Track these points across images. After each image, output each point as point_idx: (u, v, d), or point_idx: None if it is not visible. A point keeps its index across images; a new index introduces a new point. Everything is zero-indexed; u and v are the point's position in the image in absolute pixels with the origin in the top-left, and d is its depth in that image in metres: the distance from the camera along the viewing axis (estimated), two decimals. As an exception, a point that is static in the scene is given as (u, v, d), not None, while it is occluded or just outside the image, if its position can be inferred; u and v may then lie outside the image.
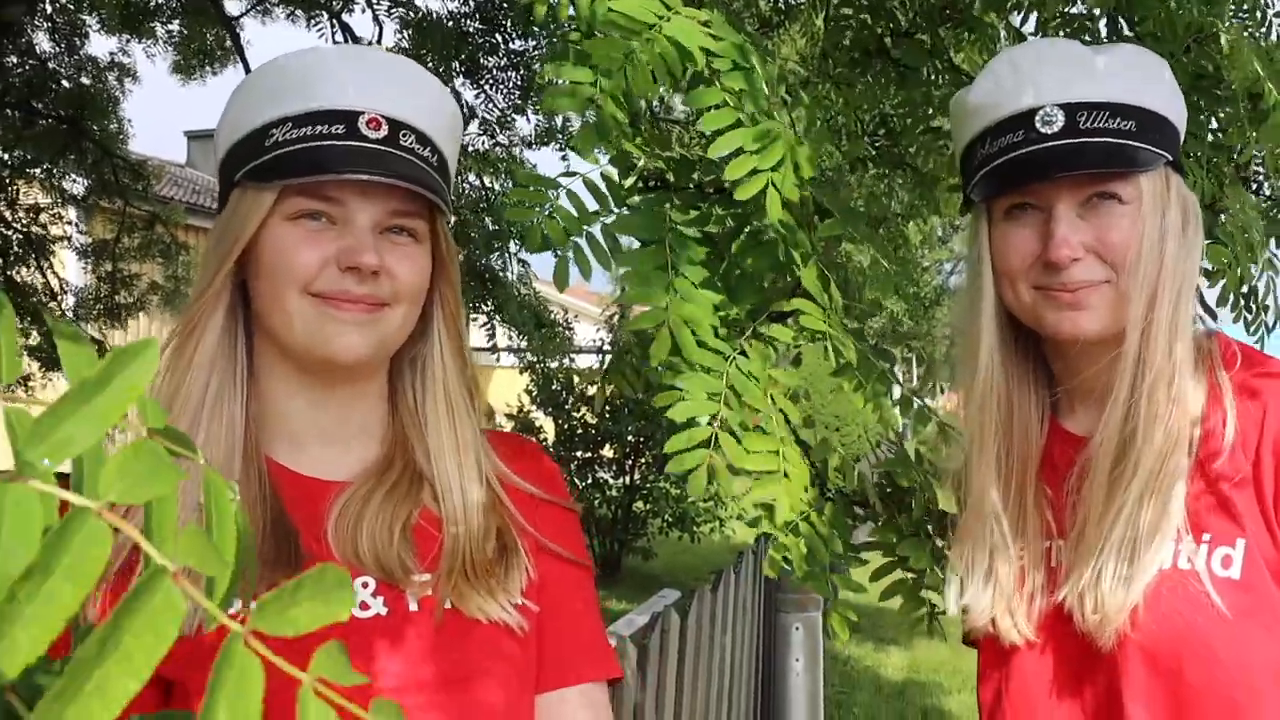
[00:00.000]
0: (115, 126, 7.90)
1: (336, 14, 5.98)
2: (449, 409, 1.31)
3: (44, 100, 7.36)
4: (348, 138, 1.20)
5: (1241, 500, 1.27)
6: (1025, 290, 1.35)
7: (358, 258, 1.19)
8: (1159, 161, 1.31)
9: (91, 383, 0.42)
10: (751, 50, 1.30)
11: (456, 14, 5.71)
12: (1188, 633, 1.26)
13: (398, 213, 1.23)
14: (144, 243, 8.18)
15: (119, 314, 8.06)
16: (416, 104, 1.26)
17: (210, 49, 7.37)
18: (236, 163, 1.23)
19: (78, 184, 8.19)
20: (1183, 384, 1.30)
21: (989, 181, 1.35)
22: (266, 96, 1.23)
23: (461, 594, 1.23)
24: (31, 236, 7.92)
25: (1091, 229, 1.31)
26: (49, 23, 7.30)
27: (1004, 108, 1.34)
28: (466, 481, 1.29)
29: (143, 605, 0.40)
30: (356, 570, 1.22)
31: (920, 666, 7.86)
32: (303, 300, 1.20)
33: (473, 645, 1.23)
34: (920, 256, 22.84)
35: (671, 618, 3.12)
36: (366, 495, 1.26)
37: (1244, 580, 1.26)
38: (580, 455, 11.20)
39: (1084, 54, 1.35)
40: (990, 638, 1.42)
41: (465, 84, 5.81)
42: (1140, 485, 1.28)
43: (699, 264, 1.33)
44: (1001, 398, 1.41)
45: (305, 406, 1.28)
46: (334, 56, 1.27)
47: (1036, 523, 1.40)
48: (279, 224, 1.21)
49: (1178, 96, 1.39)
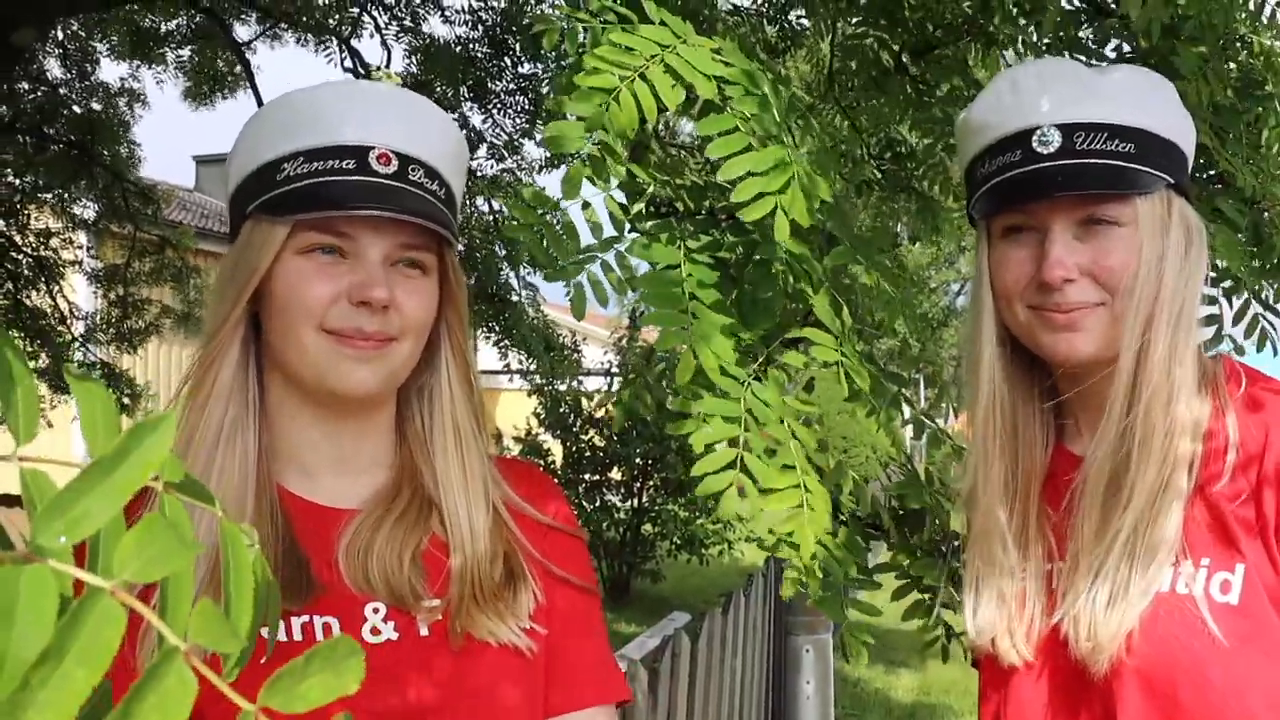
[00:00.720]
0: (126, 151, 7.95)
1: (345, 40, 6.01)
2: (456, 437, 1.32)
3: (55, 126, 7.41)
4: (358, 173, 1.22)
5: (1242, 524, 1.26)
6: (1021, 310, 1.35)
7: (369, 292, 1.20)
8: (1158, 184, 1.30)
9: (109, 458, 0.43)
10: (763, 78, 1.31)
11: (464, 39, 5.74)
12: (1184, 659, 1.25)
13: (407, 246, 1.25)
14: (155, 267, 8.21)
15: (130, 338, 8.09)
16: (425, 138, 1.28)
17: (221, 75, 7.41)
18: (248, 196, 1.25)
19: (88, 209, 8.24)
20: (1181, 407, 1.29)
21: (987, 200, 1.35)
22: (279, 131, 1.24)
23: (471, 618, 1.25)
24: (42, 261, 7.95)
25: (1087, 251, 1.31)
26: (60, 49, 7.36)
27: (1003, 126, 1.34)
28: (473, 508, 1.30)
29: (155, 687, 0.40)
30: (367, 596, 1.24)
31: (931, 688, 7.82)
32: (317, 337, 1.22)
33: (483, 669, 1.25)
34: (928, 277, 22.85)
35: (682, 641, 3.12)
36: (377, 522, 1.27)
37: (1242, 606, 1.24)
38: (588, 478, 11.18)
39: (1085, 74, 1.36)
40: (991, 658, 1.41)
41: (473, 108, 5.84)
42: (1135, 510, 1.28)
43: (712, 289, 1.34)
44: (1005, 417, 1.41)
45: (317, 437, 1.30)
46: (344, 92, 1.28)
47: (1040, 544, 1.40)
48: (291, 257, 1.22)
49: (1184, 118, 1.38)
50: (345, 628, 1.22)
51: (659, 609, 10.28)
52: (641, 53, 1.30)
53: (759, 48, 4.28)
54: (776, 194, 1.25)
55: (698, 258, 1.36)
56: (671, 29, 1.38)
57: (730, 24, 4.58)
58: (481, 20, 5.70)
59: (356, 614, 1.23)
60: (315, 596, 1.21)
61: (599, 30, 1.36)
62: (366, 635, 1.22)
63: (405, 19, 5.93)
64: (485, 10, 5.70)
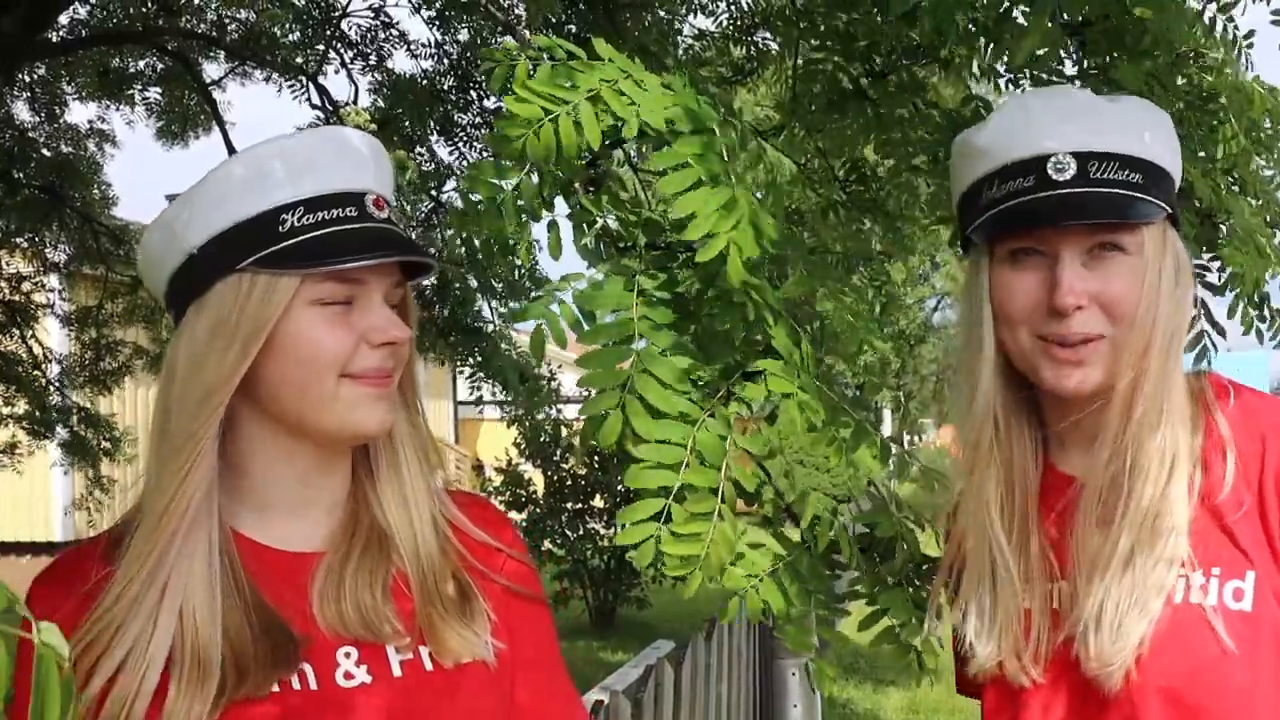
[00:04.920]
0: (97, 193, 7.91)
1: (312, 76, 6.02)
2: (404, 462, 1.34)
3: (25, 170, 7.37)
4: (361, 220, 1.24)
5: (1248, 534, 1.30)
6: (1025, 337, 1.36)
7: (391, 333, 1.25)
8: (1161, 214, 1.34)
9: None
10: (712, 115, 1.32)
11: (430, 72, 5.76)
12: (1203, 669, 1.27)
13: (398, 284, 1.29)
14: (128, 308, 8.15)
15: (104, 381, 8.03)
16: (390, 179, 1.33)
17: (193, 113, 7.39)
18: (231, 250, 1.22)
19: (60, 252, 8.19)
20: (1173, 430, 1.32)
21: (996, 222, 1.36)
22: (268, 181, 1.23)
23: (439, 634, 1.26)
24: (14, 305, 7.90)
25: (1096, 279, 1.32)
26: (28, 92, 7.33)
27: (1013, 151, 1.35)
28: (419, 522, 1.32)
29: None
30: (340, 640, 1.24)
31: (919, 707, 7.81)
32: (340, 384, 1.23)
33: (460, 703, 1.26)
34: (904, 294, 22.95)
35: (665, 670, 3.10)
36: (343, 560, 1.28)
37: (1256, 612, 1.28)
38: (571, 506, 11.16)
39: (1095, 103, 1.38)
40: (996, 681, 1.41)
41: (439, 141, 5.85)
42: (1132, 531, 1.30)
43: (669, 328, 1.34)
44: (1001, 439, 1.42)
45: (288, 480, 1.29)
46: (328, 138, 1.29)
47: (1039, 563, 1.40)
48: (302, 309, 1.22)
49: (1176, 150, 1.41)
50: (319, 674, 1.22)
51: (645, 636, 10.25)
52: (580, 88, 1.31)
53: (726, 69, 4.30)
54: (730, 231, 1.26)
55: (656, 295, 1.36)
56: (619, 65, 1.38)
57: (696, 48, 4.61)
58: (447, 54, 5.72)
59: (329, 660, 1.23)
60: (300, 653, 1.21)
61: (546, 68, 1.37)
62: (340, 680, 1.22)
63: (370, 55, 5.95)
64: (450, 44, 5.71)
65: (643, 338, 1.31)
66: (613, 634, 10.58)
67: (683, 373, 1.31)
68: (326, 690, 1.21)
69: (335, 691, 1.21)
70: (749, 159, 1.45)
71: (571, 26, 4.47)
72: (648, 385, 1.28)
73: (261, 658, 1.18)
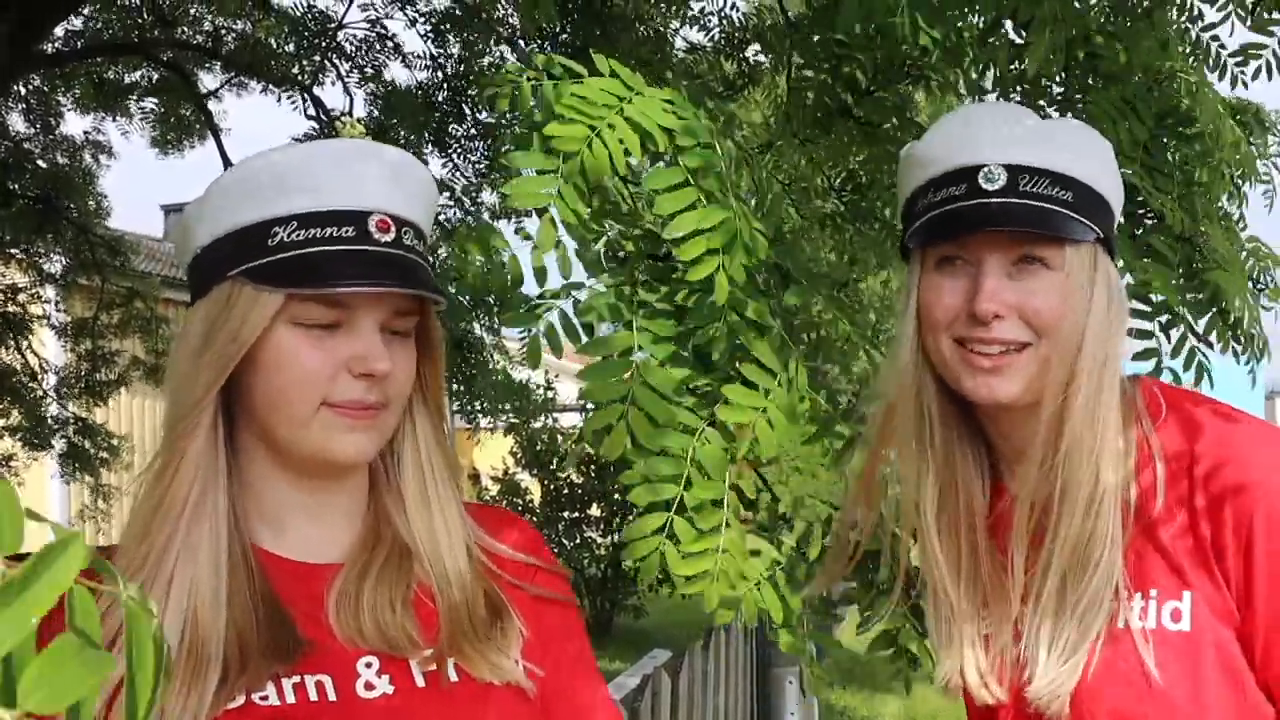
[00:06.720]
0: (93, 204, 7.91)
1: (308, 88, 6.03)
2: (433, 485, 1.30)
3: (20, 180, 7.38)
4: (358, 242, 1.17)
5: (1183, 552, 1.28)
6: (946, 343, 1.36)
7: (373, 365, 1.17)
8: (1090, 236, 1.34)
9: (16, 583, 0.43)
10: (713, 129, 1.34)
11: (425, 84, 5.77)
12: (1148, 694, 1.27)
13: (400, 314, 1.22)
14: (124, 318, 8.14)
15: (100, 391, 8.02)
16: (417, 199, 1.25)
17: (189, 124, 7.40)
18: (226, 257, 1.19)
19: (56, 262, 8.19)
20: (1105, 456, 1.31)
21: (926, 229, 1.37)
22: (266, 191, 1.18)
23: (468, 658, 1.23)
24: (10, 317, 7.89)
25: (1018, 291, 1.32)
26: (23, 104, 7.34)
27: (950, 160, 1.36)
28: (455, 550, 1.28)
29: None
30: (359, 651, 1.22)
31: (916, 714, 7.81)
32: (316, 411, 1.18)
33: (489, 713, 1.23)
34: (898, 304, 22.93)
35: (662, 679, 3.11)
36: (362, 571, 1.25)
37: (1195, 631, 1.27)
38: (567, 515, 11.16)
39: (1035, 122, 1.39)
40: (968, 694, 1.42)
41: (433, 153, 5.87)
42: (1062, 558, 1.30)
43: (667, 340, 1.36)
44: (935, 445, 1.41)
45: (293, 496, 1.27)
46: (338, 151, 1.22)
47: (993, 584, 1.40)
48: (284, 328, 1.17)
49: (1117, 180, 1.42)
50: (338, 685, 1.19)
51: (643, 644, 10.24)
52: (600, 104, 1.32)
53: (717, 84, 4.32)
54: (720, 253, 1.28)
55: (655, 306, 1.38)
56: (623, 80, 1.40)
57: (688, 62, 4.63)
58: (442, 66, 5.74)
59: (349, 670, 1.20)
60: (304, 655, 1.19)
61: (550, 87, 1.38)
62: (361, 691, 1.19)
63: (366, 66, 5.97)
64: (445, 57, 5.73)
65: (642, 350, 1.32)
66: (610, 643, 10.57)
67: (680, 383, 1.32)
68: (346, 701, 1.18)
69: (355, 703, 1.19)
70: (746, 175, 1.47)
71: (565, 36, 4.50)
72: (647, 398, 1.30)
73: (262, 647, 1.16)
